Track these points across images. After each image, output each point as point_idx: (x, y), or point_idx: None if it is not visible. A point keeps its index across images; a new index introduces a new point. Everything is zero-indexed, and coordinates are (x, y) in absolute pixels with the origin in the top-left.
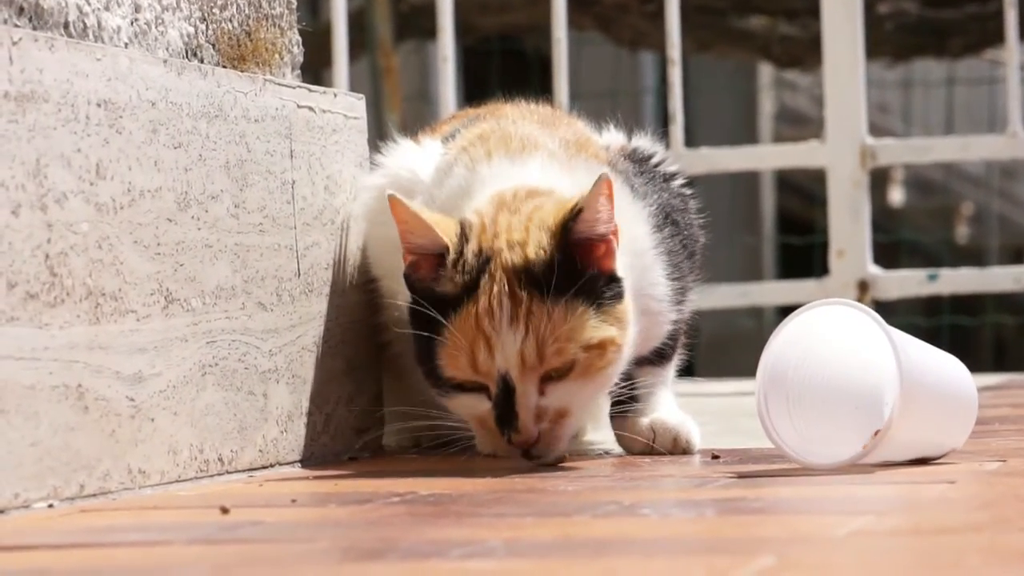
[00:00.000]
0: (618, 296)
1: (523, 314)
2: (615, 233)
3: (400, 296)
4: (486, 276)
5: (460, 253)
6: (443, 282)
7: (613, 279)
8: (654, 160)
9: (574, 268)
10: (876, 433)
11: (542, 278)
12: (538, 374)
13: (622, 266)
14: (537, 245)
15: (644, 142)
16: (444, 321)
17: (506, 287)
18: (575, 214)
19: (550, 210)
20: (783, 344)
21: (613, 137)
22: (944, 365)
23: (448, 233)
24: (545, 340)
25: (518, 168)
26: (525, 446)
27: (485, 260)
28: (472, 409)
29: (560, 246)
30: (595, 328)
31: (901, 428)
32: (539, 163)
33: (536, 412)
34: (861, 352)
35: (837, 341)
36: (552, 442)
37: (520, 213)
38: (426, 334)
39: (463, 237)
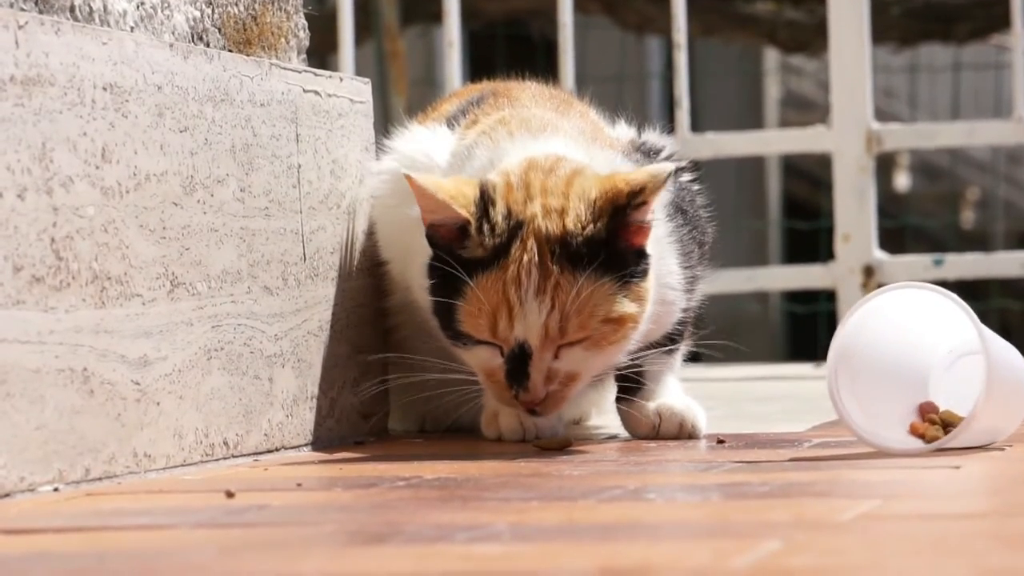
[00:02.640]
0: (644, 273)
1: (551, 287)
2: (653, 214)
3: (409, 280)
4: (517, 242)
5: (483, 219)
6: (470, 248)
7: (642, 255)
8: (663, 154)
9: (610, 245)
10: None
11: (577, 253)
12: (557, 345)
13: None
14: (576, 217)
15: (653, 136)
16: (468, 281)
17: (536, 257)
18: (637, 204)
19: (592, 182)
20: (855, 325)
21: (624, 131)
22: (1012, 353)
23: (467, 205)
24: (569, 316)
25: (541, 144)
26: (532, 405)
27: (516, 224)
28: (485, 362)
29: (608, 226)
30: (618, 304)
31: (985, 416)
32: (561, 142)
33: (547, 374)
34: (916, 333)
35: (903, 323)
36: (559, 402)
37: (556, 174)
38: (448, 288)
39: (485, 200)
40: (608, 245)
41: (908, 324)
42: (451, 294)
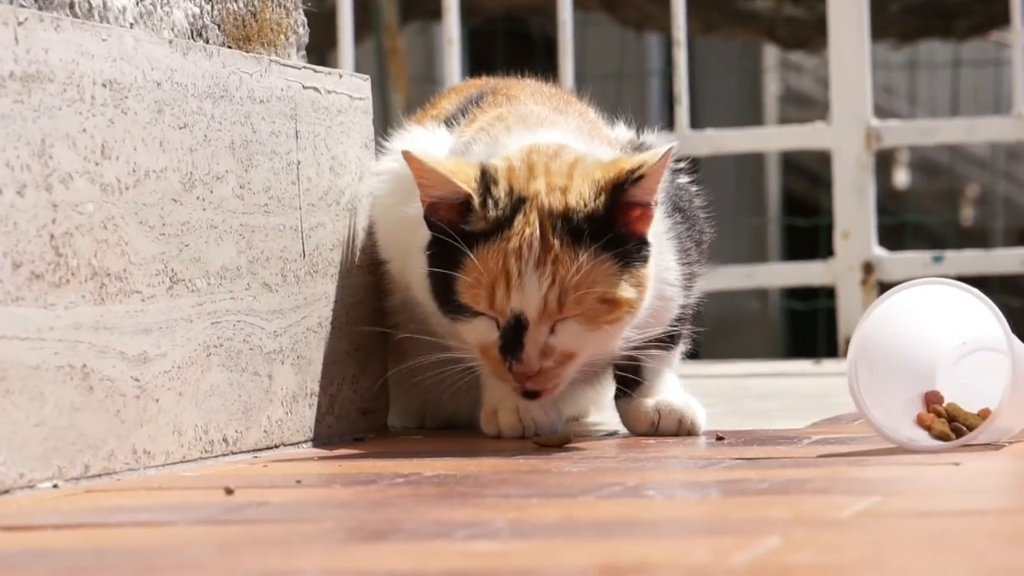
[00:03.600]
0: (644, 259)
1: (551, 260)
2: (655, 201)
3: (409, 277)
4: (520, 215)
5: (486, 194)
6: (472, 222)
7: (643, 242)
8: None
9: (611, 225)
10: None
11: (578, 228)
12: (554, 319)
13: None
14: (579, 194)
15: (652, 138)
16: (468, 252)
17: (538, 231)
18: (635, 179)
19: (595, 163)
20: (875, 320)
21: (623, 132)
22: None
23: (468, 180)
24: (568, 290)
25: (539, 136)
26: (524, 377)
27: (519, 200)
28: (482, 335)
29: (607, 203)
30: (616, 285)
31: (1007, 413)
32: (560, 135)
33: (543, 349)
34: (928, 328)
35: (918, 318)
36: (552, 379)
37: (560, 158)
38: (447, 261)
39: (487, 179)
40: (609, 225)
41: (923, 319)
42: (450, 267)
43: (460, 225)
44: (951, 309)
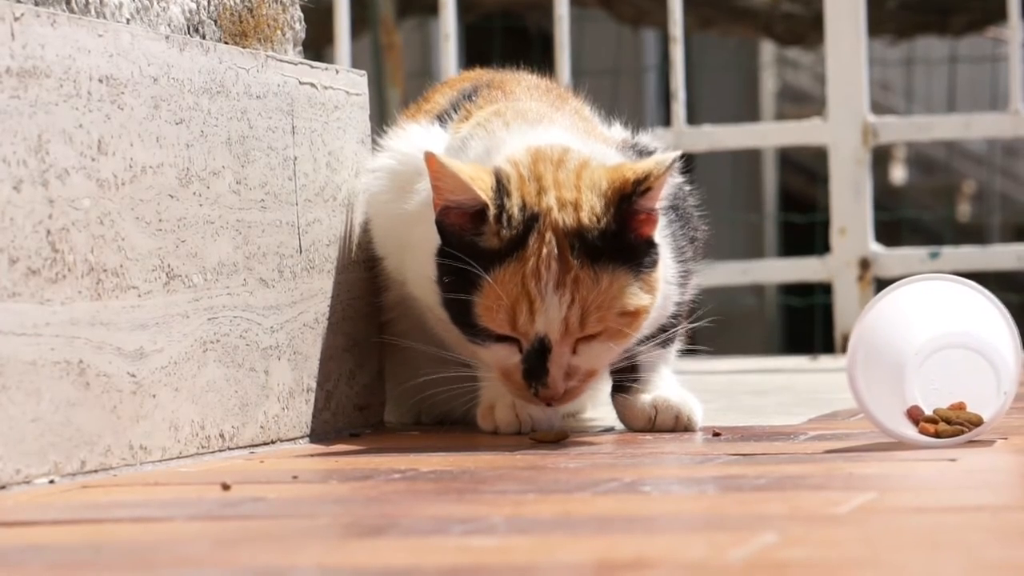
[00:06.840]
0: (654, 263)
1: (571, 280)
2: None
3: (406, 273)
4: (534, 234)
5: (500, 208)
6: (485, 237)
7: (652, 244)
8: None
9: (622, 236)
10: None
11: (594, 245)
12: (576, 339)
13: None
14: (591, 210)
15: (646, 138)
16: (484, 275)
17: (555, 250)
18: (642, 191)
19: (602, 173)
20: (877, 314)
21: (618, 132)
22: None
23: (485, 189)
24: (589, 308)
25: (540, 133)
26: (550, 400)
27: (532, 217)
28: (503, 359)
29: (616, 216)
30: (633, 295)
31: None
32: (559, 133)
33: (566, 370)
34: (910, 324)
35: (909, 315)
36: (576, 396)
37: (565, 167)
38: (462, 282)
39: (501, 190)
40: (620, 236)
41: (919, 315)
42: (466, 288)
43: (471, 236)
44: (949, 305)
